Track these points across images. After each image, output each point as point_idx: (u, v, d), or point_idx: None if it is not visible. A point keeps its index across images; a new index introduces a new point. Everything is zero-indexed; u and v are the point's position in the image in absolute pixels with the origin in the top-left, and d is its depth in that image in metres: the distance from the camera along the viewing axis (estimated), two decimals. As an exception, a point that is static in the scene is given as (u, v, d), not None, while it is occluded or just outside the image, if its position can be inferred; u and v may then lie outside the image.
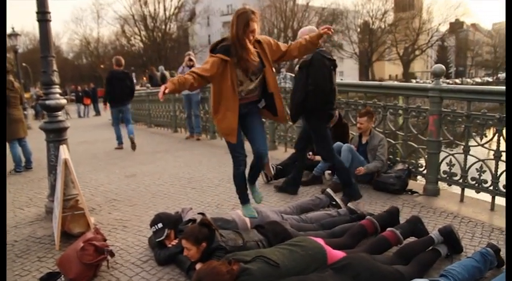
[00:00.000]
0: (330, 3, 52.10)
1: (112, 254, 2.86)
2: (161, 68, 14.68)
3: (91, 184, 5.30)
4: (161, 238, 3.02)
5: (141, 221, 3.77)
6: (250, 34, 2.93)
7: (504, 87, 4.05)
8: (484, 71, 75.67)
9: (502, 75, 60.52)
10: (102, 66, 46.05)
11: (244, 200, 3.38)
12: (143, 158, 6.82)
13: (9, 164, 6.15)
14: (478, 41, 74.74)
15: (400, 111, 4.72)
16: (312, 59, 3.87)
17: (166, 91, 2.74)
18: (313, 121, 4.11)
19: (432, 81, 4.30)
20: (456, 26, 71.75)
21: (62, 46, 56.45)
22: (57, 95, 3.94)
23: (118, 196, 4.71)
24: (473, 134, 4.08)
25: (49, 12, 3.82)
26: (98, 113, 20.43)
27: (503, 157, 3.80)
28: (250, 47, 2.97)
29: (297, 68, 4.19)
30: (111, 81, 7.97)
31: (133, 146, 7.67)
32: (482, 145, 4.02)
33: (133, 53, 49.37)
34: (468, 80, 59.75)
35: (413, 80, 49.76)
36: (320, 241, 2.68)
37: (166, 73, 13.86)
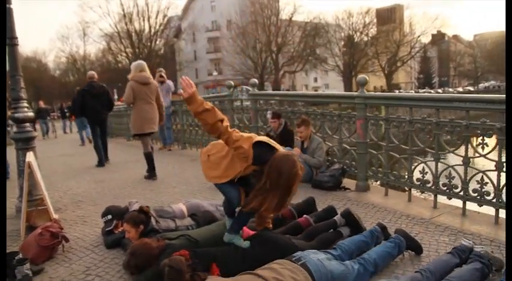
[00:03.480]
0: (313, 17, 53.41)
1: (66, 239, 3.39)
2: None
3: (62, 189, 5.81)
4: (110, 228, 3.58)
5: (99, 217, 4.26)
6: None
7: (414, 94, 4.70)
8: (467, 81, 77.27)
9: (482, 84, 62.08)
10: (89, 83, 46.28)
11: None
12: (114, 167, 7.35)
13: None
14: (459, 52, 76.51)
15: (335, 118, 5.27)
16: None
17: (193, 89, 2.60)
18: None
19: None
20: (437, 38, 73.70)
21: (48, 64, 56.97)
22: (25, 109, 4.46)
23: (84, 197, 5.24)
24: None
25: (16, 38, 4.30)
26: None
27: (414, 155, 4.41)
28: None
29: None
30: (77, 102, 11.57)
31: (90, 142, 11.10)
32: (399, 144, 4.64)
33: (120, 69, 49.84)
34: (450, 89, 61.04)
35: (397, 91, 50.93)
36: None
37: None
